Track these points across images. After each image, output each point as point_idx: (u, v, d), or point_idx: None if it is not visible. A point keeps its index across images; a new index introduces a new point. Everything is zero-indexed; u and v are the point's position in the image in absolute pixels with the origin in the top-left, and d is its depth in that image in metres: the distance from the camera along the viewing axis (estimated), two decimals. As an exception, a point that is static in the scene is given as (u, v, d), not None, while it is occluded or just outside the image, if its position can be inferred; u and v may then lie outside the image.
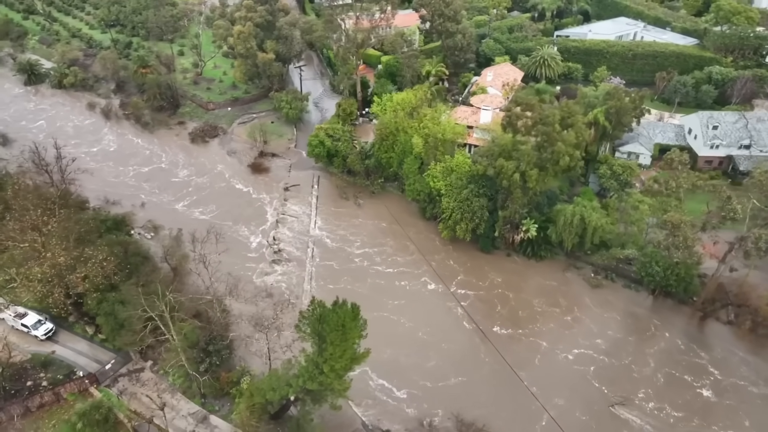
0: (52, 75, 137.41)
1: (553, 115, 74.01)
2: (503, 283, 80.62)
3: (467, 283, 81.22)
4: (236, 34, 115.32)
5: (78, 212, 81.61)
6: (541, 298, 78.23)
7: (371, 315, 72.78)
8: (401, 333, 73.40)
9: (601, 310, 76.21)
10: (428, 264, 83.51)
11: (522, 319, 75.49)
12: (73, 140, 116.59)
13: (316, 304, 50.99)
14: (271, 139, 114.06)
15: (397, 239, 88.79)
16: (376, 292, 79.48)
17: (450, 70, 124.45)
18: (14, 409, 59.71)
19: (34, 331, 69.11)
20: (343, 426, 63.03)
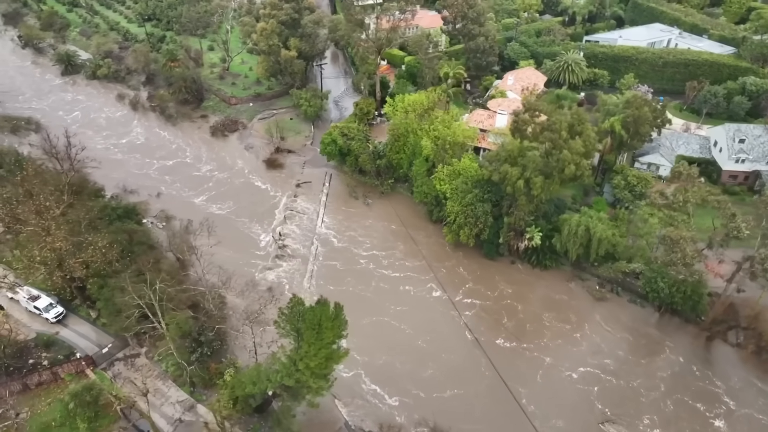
0: (87, 66, 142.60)
1: (560, 122, 72.26)
2: (509, 293, 78.96)
3: (475, 292, 79.53)
4: (259, 31, 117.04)
5: (91, 199, 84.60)
6: (545, 310, 76.42)
7: (371, 319, 74.70)
8: (400, 339, 72.48)
9: (606, 326, 73.91)
10: (437, 270, 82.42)
11: (526, 332, 73.56)
12: (104, 131, 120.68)
13: (295, 301, 51.31)
14: (288, 135, 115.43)
15: (407, 243, 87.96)
16: (379, 295, 79.07)
17: (471, 72, 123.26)
18: (13, 386, 62.24)
19: (45, 314, 71.80)
20: (327, 424, 63.28)
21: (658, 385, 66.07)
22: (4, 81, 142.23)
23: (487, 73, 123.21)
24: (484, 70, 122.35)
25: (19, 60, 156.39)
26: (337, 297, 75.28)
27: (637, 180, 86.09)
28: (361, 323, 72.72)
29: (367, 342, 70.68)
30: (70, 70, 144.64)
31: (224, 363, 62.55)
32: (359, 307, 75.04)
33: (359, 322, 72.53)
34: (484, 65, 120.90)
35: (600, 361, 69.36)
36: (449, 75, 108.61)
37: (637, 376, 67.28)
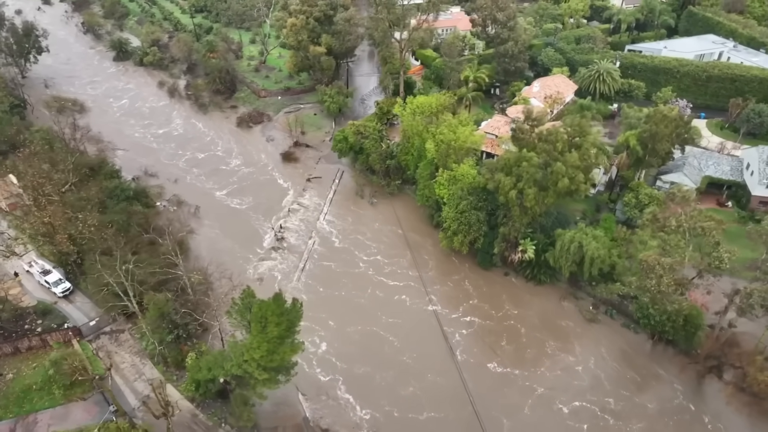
0: (136, 53, 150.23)
1: (556, 133, 69.49)
2: (515, 314, 75.08)
3: (477, 309, 76.18)
4: (289, 26, 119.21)
5: (106, 179, 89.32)
6: (536, 330, 72.89)
7: (359, 327, 74.18)
8: (386, 352, 70.58)
9: (597, 352, 69.80)
10: (443, 283, 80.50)
11: (520, 356, 69.86)
12: (146, 120, 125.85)
13: (246, 293, 52.25)
14: (309, 130, 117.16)
15: (415, 251, 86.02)
16: (373, 303, 77.65)
17: (500, 77, 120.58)
18: (5, 348, 66.85)
19: (54, 288, 76.31)
20: (288, 417, 63.98)
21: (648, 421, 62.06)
22: (65, 65, 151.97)
23: (516, 78, 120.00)
24: (513, 76, 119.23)
25: (79, 45, 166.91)
26: (326, 300, 77.88)
27: (648, 199, 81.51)
28: (347, 329, 73.61)
29: (349, 349, 70.60)
30: (121, 56, 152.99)
31: (189, 346, 64.54)
32: (349, 313, 75.81)
33: (346, 328, 73.91)
34: (512, 70, 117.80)
35: (593, 396, 64.57)
36: (470, 78, 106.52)
37: (625, 411, 62.88)
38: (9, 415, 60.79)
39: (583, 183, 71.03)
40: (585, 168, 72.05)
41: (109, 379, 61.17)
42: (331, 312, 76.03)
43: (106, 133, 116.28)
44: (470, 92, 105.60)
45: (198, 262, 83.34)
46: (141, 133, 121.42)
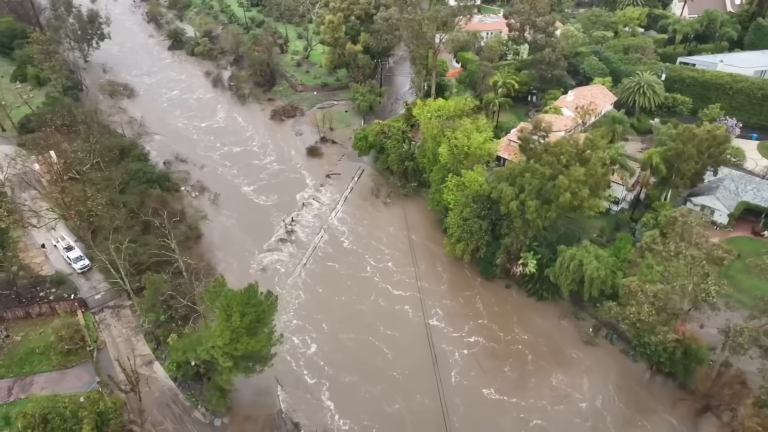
0: (189, 43, 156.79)
1: (561, 146, 66.68)
2: (525, 339, 71.34)
3: (485, 330, 72.82)
4: (326, 23, 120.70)
5: (135, 161, 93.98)
6: (543, 359, 68.69)
7: (354, 335, 72.60)
8: (377, 364, 68.74)
9: (592, 378, 66.27)
10: (454, 298, 77.67)
11: (517, 383, 66.35)
12: (191, 112, 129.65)
13: (218, 281, 53.60)
14: (338, 127, 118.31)
15: (428, 260, 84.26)
16: (373, 312, 76.08)
17: (536, 84, 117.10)
18: (18, 312, 71.83)
19: (74, 264, 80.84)
20: (265, 406, 64.94)
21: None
22: (127, 54, 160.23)
23: (553, 86, 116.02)
24: (550, 83, 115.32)
25: (143, 35, 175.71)
26: (324, 301, 77.69)
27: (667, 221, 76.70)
28: (341, 335, 72.91)
29: (340, 356, 69.74)
30: (175, 45, 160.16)
31: (176, 327, 66.92)
32: (346, 318, 74.98)
33: (340, 333, 73.18)
34: (549, 78, 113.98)
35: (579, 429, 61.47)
36: (498, 83, 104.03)
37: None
38: (10, 375, 65.24)
39: (588, 199, 67.75)
40: (594, 184, 68.78)
41: (95, 351, 64.31)
42: (328, 314, 75.58)
43: (151, 120, 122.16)
44: (498, 98, 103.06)
45: (206, 247, 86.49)
46: (184, 123, 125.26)
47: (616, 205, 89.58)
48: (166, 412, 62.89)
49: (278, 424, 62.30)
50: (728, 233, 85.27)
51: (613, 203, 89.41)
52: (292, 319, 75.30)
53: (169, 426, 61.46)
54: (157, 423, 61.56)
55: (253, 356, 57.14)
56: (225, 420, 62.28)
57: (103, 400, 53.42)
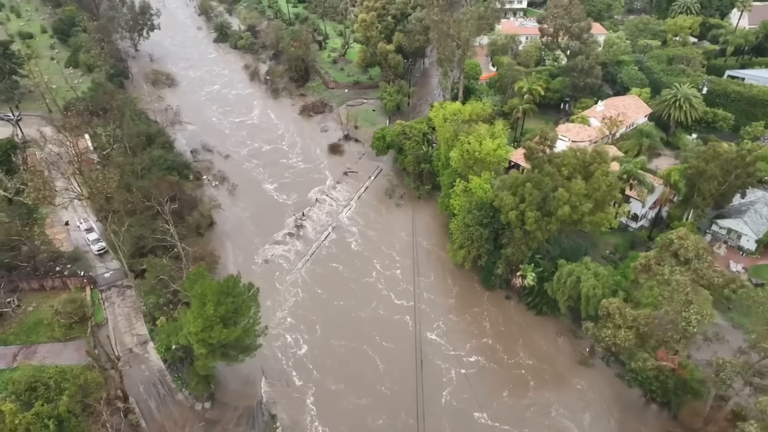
0: (233, 37, 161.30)
1: (564, 157, 64.22)
2: (530, 364, 67.74)
3: (488, 349, 69.93)
4: (359, 21, 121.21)
5: (159, 148, 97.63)
6: (545, 388, 65.40)
7: (347, 343, 71.16)
8: (366, 376, 66.91)
9: (583, 402, 63.32)
10: (460, 314, 74.68)
11: (511, 410, 63.02)
12: (228, 107, 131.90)
13: (197, 270, 54.97)
14: (363, 126, 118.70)
15: (439, 272, 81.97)
16: (371, 319, 74.33)
17: (569, 92, 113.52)
18: (33, 284, 76.17)
19: (92, 246, 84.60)
20: (247, 396, 66.09)
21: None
22: (176, 47, 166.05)
23: (586, 94, 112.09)
24: (583, 92, 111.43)
25: (192, 27, 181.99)
26: (321, 303, 77.09)
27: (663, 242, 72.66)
28: (334, 341, 71.64)
29: (330, 362, 68.74)
30: (221, 38, 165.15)
31: (166, 310, 69.07)
32: (342, 324, 73.71)
33: (333, 339, 71.94)
34: (581, 86, 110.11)
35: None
36: (523, 89, 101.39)
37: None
38: (17, 342, 69.33)
39: (590, 214, 65.03)
40: (600, 198, 65.93)
41: (94, 326, 67.33)
42: (324, 317, 75.08)
43: (187, 111, 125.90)
44: (522, 104, 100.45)
45: (216, 236, 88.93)
46: (218, 118, 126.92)
47: (634, 222, 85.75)
48: (152, 391, 65.15)
49: (256, 414, 63.32)
50: (755, 260, 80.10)
51: (631, 219, 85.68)
52: (287, 316, 75.65)
53: (152, 405, 63.65)
54: (141, 401, 63.88)
55: (234, 345, 58.36)
56: (206, 405, 63.85)
57: (85, 374, 55.87)
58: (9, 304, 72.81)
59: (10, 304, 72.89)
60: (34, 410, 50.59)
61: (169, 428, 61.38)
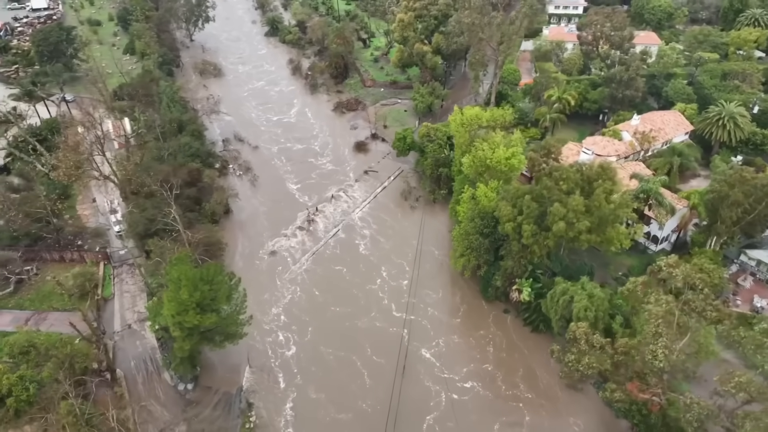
0: (282, 31, 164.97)
1: (563, 171, 61.43)
2: (529, 398, 64.33)
3: (487, 376, 66.27)
4: (397, 21, 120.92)
5: (189, 136, 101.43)
6: (535, 414, 62.64)
7: (335, 352, 69.24)
8: (350, 390, 65.19)
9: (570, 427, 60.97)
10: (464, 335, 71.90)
11: None
12: (268, 104, 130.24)
13: (178, 256, 56.86)
14: (392, 125, 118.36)
15: (449, 287, 79.08)
16: (366, 330, 72.27)
17: (607, 103, 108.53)
18: (54, 255, 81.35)
19: (114, 227, 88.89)
20: (226, 381, 67.74)
21: None
22: (229, 41, 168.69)
23: (625, 107, 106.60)
24: (621, 104, 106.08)
25: (248, 20, 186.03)
26: (317, 305, 76.11)
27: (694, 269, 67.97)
28: (323, 348, 70.68)
29: (314, 369, 67.93)
30: (271, 32, 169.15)
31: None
32: (334, 332, 72.27)
33: (323, 346, 70.65)
34: (620, 98, 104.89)
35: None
36: (552, 98, 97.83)
37: None
38: (31, 307, 74.28)
39: (587, 233, 61.99)
40: (602, 217, 62.72)
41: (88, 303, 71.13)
42: (317, 320, 74.61)
43: (228, 103, 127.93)
44: (551, 113, 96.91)
45: (229, 223, 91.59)
46: (257, 114, 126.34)
47: (654, 244, 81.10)
48: (141, 367, 68.22)
49: (234, 400, 64.86)
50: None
51: (651, 241, 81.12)
52: (281, 313, 76.12)
53: (139, 380, 66.64)
54: (130, 375, 67.02)
55: (218, 331, 60.09)
56: (189, 386, 66.13)
57: (73, 344, 59.21)
58: (28, 271, 78.02)
59: (29, 271, 78.11)
60: (18, 373, 54.21)
61: (149, 404, 64.05)
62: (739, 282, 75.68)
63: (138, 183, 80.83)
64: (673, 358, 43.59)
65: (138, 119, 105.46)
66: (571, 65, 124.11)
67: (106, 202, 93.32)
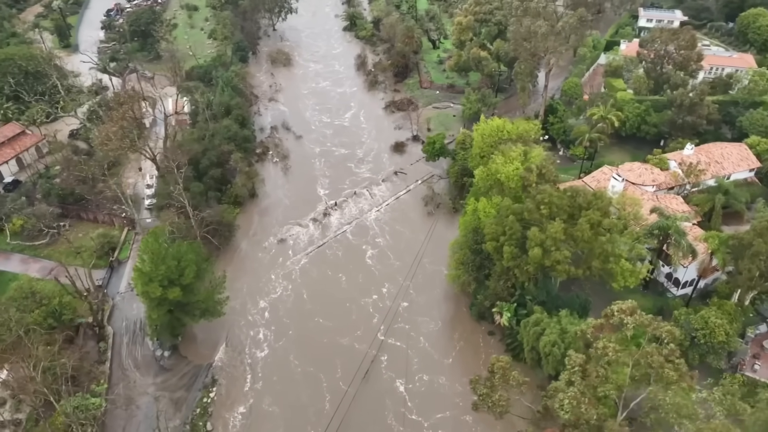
0: (359, 27, 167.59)
1: (547, 194, 57.01)
2: None
3: (461, 429, 60.10)
4: (455, 24, 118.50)
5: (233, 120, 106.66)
6: None
7: (300, 364, 66.30)
8: (305, 413, 62.07)
9: None
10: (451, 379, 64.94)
11: None
12: (327, 105, 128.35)
13: (152, 231, 60.43)
14: (437, 129, 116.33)
15: (449, 321, 74.03)
16: (345, 350, 68.58)
17: (665, 128, 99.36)
18: (89, 215, 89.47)
19: (146, 201, 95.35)
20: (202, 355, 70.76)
21: None
22: (309, 37, 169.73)
23: (686, 134, 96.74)
24: (681, 130, 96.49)
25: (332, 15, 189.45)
26: (302, 312, 75.21)
27: (701, 323, 60.98)
28: (292, 359, 68.51)
29: (275, 379, 66.39)
30: (349, 27, 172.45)
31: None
32: (310, 345, 69.87)
33: (293, 358, 68.21)
34: (679, 124, 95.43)
35: None
36: (594, 117, 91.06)
37: None
38: (58, 260, 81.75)
39: (565, 263, 57.40)
40: (590, 250, 57.81)
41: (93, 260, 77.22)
42: (296, 328, 72.69)
43: (289, 97, 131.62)
44: (591, 133, 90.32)
45: (251, 206, 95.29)
46: (311, 113, 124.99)
47: (676, 287, 73.45)
48: (131, 328, 73.31)
49: (200, 373, 67.81)
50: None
51: (672, 284, 73.59)
52: (267, 308, 76.03)
53: (125, 340, 71.67)
54: (119, 335, 72.30)
55: (195, 305, 63.30)
56: (166, 353, 70.08)
57: (62, 296, 65.05)
58: (63, 226, 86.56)
59: (63, 227, 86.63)
60: (6, 315, 60.32)
61: (127, 364, 68.74)
62: (764, 345, 66.57)
63: (171, 159, 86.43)
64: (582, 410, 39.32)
65: (196, 100, 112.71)
66: (640, 84, 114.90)
67: (148, 174, 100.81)
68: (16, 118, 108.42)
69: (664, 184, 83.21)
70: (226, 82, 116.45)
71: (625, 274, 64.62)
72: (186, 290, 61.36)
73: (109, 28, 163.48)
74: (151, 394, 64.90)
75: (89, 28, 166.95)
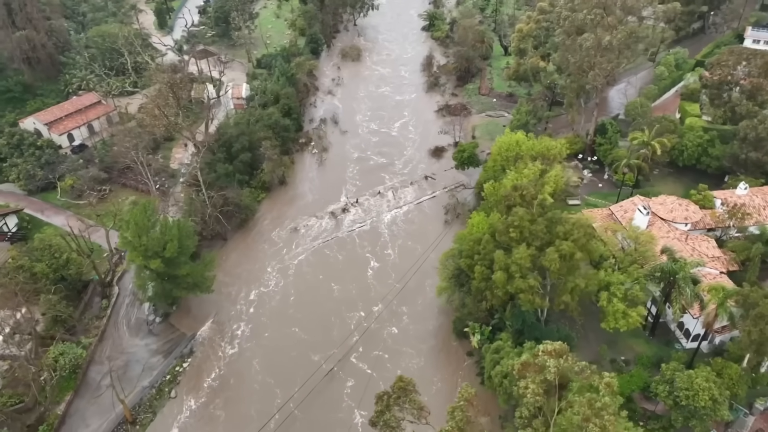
0: (435, 28, 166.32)
1: (519, 218, 53.09)
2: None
3: None
4: (516, 31, 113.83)
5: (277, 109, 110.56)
6: None
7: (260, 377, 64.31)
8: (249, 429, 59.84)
9: None
10: None
11: None
12: (381, 111, 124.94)
13: (142, 203, 64.59)
14: (482, 137, 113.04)
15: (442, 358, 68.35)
16: (312, 369, 64.99)
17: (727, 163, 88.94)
18: (132, 184, 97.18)
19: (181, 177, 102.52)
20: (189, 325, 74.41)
21: None
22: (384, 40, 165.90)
23: (749, 171, 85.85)
24: (744, 166, 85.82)
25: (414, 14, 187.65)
26: (287, 317, 72.04)
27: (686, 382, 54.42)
28: (256, 367, 66.99)
29: (233, 383, 65.48)
30: (427, 27, 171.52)
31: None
32: (281, 358, 67.45)
33: (257, 366, 67.05)
34: (742, 159, 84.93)
35: None
36: (635, 142, 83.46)
37: None
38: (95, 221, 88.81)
39: (530, 293, 53.54)
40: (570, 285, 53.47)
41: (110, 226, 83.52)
42: (272, 333, 71.20)
43: (345, 95, 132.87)
44: (630, 158, 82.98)
45: (277, 193, 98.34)
46: (361, 117, 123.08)
47: (686, 339, 66.10)
48: (135, 292, 78.56)
49: (182, 343, 71.54)
50: None
51: (683, 334, 66.28)
52: (255, 301, 76.56)
53: (127, 301, 77.21)
54: (123, 295, 77.99)
55: (186, 278, 67.17)
56: (157, 320, 74.73)
57: (69, 253, 71.47)
58: (103, 191, 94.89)
59: (105, 191, 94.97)
60: (18, 263, 67.45)
61: (120, 323, 74.15)
62: (777, 418, 58.10)
63: (193, 139, 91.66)
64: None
65: (255, 87, 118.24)
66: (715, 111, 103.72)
67: (190, 151, 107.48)
68: (97, 89, 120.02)
69: (701, 224, 74.71)
70: (282, 72, 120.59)
71: (617, 315, 59.27)
72: (169, 263, 64.97)
73: (203, 13, 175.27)
74: (130, 354, 69.50)
75: (190, 12, 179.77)
